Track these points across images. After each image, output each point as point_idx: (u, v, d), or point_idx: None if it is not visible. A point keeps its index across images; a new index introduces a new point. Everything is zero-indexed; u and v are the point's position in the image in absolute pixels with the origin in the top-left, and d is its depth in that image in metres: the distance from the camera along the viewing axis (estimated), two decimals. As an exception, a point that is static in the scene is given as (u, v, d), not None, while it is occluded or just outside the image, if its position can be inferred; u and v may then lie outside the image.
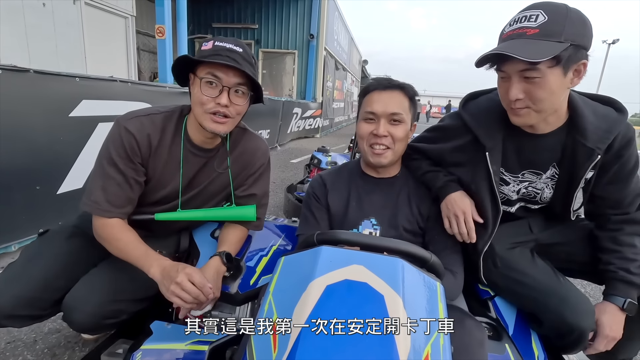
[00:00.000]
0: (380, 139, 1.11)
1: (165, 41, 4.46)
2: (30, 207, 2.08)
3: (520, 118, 0.96)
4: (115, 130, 1.05)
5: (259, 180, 1.26)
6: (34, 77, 1.98)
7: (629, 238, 1.05)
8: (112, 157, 1.03)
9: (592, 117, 0.99)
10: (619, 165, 1.02)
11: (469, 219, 1.08)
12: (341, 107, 14.66)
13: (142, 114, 1.10)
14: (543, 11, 0.85)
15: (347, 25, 14.00)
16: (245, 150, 1.22)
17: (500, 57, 0.87)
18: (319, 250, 0.71)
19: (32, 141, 2.03)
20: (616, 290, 1.02)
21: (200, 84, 1.00)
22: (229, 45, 1.00)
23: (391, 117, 1.10)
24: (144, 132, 1.06)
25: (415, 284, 0.67)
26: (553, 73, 0.86)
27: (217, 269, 1.09)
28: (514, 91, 0.90)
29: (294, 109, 8.06)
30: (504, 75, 0.93)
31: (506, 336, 1.10)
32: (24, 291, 0.99)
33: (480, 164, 1.08)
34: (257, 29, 10.36)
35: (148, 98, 2.89)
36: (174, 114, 1.14)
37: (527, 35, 0.85)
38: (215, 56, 0.98)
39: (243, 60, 1.01)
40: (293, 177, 4.72)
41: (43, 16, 4.59)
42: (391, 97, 1.11)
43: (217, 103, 1.01)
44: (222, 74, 0.99)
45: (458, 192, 1.12)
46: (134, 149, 1.04)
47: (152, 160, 1.10)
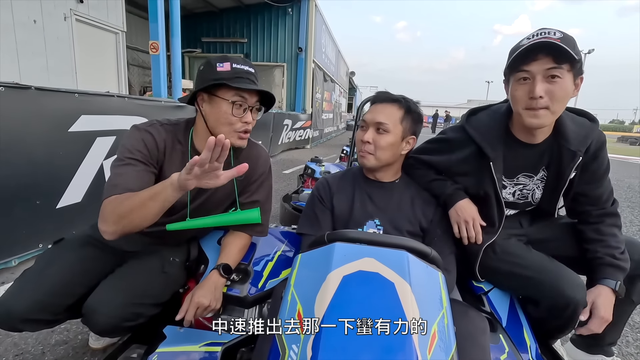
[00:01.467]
0: (364, 145, 1.24)
1: (159, 56, 4.53)
2: (30, 222, 2.10)
3: (538, 119, 1.07)
4: (133, 133, 1.12)
5: (261, 187, 1.33)
6: (35, 93, 2.02)
7: (609, 229, 1.19)
8: (129, 149, 1.08)
9: (572, 126, 1.16)
10: (596, 165, 1.17)
11: (477, 224, 1.22)
12: (330, 118, 14.86)
13: (155, 123, 1.18)
14: (558, 31, 1.01)
15: (334, 39, 14.31)
16: (247, 158, 1.28)
17: (531, 56, 1.01)
18: (332, 247, 0.79)
19: (32, 156, 2.06)
20: (606, 274, 1.13)
21: (231, 107, 1.10)
22: (246, 68, 1.11)
23: (377, 125, 1.22)
24: (161, 137, 1.14)
25: (420, 272, 0.75)
26: (569, 77, 1.02)
27: (215, 283, 1.15)
28: (539, 88, 1.02)
29: (284, 121, 8.17)
30: (526, 75, 1.05)
31: (500, 328, 1.18)
32: (38, 295, 1.03)
33: (485, 173, 1.21)
34: (246, 42, 10.52)
35: (144, 112, 2.94)
36: (180, 126, 1.22)
37: (552, 41, 0.99)
38: (239, 79, 1.08)
39: (257, 79, 1.14)
40: (286, 188, 4.78)
41: (34, 33, 4.62)
42: (383, 108, 1.23)
43: (244, 122, 1.13)
44: (247, 95, 1.11)
45: (465, 200, 1.25)
46: (152, 147, 1.12)
47: (167, 164, 1.16)
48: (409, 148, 1.28)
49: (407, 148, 1.28)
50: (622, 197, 1.25)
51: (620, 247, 1.15)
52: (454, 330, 0.70)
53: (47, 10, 4.74)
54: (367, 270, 0.72)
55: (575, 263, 1.27)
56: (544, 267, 1.16)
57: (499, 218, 1.24)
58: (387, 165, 1.28)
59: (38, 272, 1.09)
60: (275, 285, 1.21)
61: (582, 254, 1.22)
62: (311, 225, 1.28)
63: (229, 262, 1.22)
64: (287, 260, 1.39)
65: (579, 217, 1.28)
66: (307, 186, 3.58)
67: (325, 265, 0.74)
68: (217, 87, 1.10)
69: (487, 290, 1.30)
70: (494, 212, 1.23)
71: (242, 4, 10.08)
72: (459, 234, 1.24)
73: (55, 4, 4.84)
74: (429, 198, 1.31)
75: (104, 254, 1.19)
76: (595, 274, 1.17)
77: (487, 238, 1.24)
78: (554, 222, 1.34)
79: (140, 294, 1.09)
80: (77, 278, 1.11)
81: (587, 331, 1.11)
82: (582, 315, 1.08)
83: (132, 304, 1.06)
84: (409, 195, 1.29)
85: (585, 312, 1.09)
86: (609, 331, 1.15)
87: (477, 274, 1.28)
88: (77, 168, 2.35)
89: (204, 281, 1.15)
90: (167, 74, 5.05)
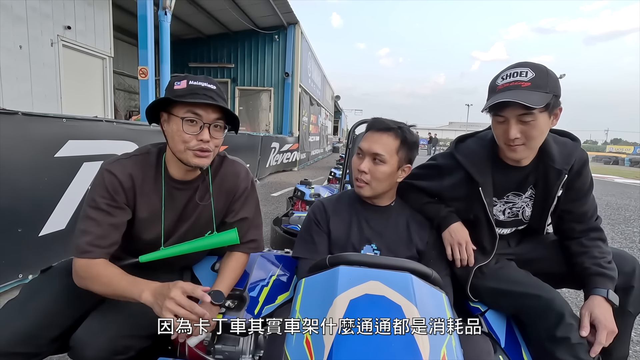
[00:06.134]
0: (361, 174, 1.23)
1: (147, 81, 4.55)
2: (11, 251, 2.01)
3: (517, 154, 1.15)
4: (98, 175, 1.09)
5: (246, 203, 1.28)
6: (21, 119, 1.98)
7: (593, 241, 1.23)
8: (95, 199, 1.05)
9: (555, 146, 1.22)
10: (580, 182, 1.23)
11: (469, 247, 1.25)
12: (317, 141, 15.04)
13: (123, 157, 1.14)
14: (530, 69, 1.07)
15: (319, 64, 14.71)
16: (226, 176, 1.24)
17: (503, 103, 1.07)
18: (337, 271, 0.79)
19: (15, 182, 2.00)
20: (595, 283, 1.14)
21: (181, 123, 1.05)
22: (203, 84, 1.06)
23: (374, 156, 1.22)
24: (126, 172, 1.09)
25: (424, 294, 0.75)
26: (543, 116, 1.07)
27: (207, 308, 1.11)
28: (513, 131, 1.09)
29: (272, 144, 8.22)
30: (502, 119, 1.12)
31: (499, 349, 1.18)
32: (21, 327, 0.97)
33: (475, 197, 1.25)
34: (233, 67, 10.71)
35: (133, 137, 2.92)
36: (152, 154, 1.17)
37: (522, 87, 1.06)
38: (193, 95, 1.03)
39: (218, 96, 1.07)
40: (275, 211, 4.74)
41: (19, 58, 4.60)
42: (380, 138, 1.23)
43: (199, 140, 1.06)
44: (201, 111, 1.05)
45: (458, 223, 1.28)
46: (116, 189, 1.07)
47: (140, 198, 1.12)
48: (404, 175, 1.29)
49: (402, 176, 1.29)
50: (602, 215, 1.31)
51: (606, 256, 1.18)
52: (462, 352, 0.69)
53: (34, 36, 4.75)
54: (373, 293, 0.72)
55: (568, 279, 1.29)
56: (527, 283, 1.18)
57: (491, 241, 1.27)
58: (383, 192, 1.29)
59: (20, 303, 1.03)
60: (268, 313, 1.18)
61: (574, 270, 1.25)
62: (308, 249, 1.27)
63: (222, 288, 1.18)
64: (282, 285, 1.36)
65: (564, 233, 1.31)
66: (296, 209, 3.56)
67: (331, 290, 0.73)
68: (173, 105, 1.07)
69: (483, 310, 1.30)
70: (485, 236, 1.27)
71: (229, 30, 10.32)
72: (451, 256, 1.26)
73: (42, 30, 4.85)
74: (424, 220, 1.33)
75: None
76: (586, 286, 1.18)
77: (482, 259, 1.26)
78: (542, 240, 1.38)
79: (131, 326, 1.04)
80: (62, 308, 1.05)
81: (598, 346, 1.07)
82: (582, 331, 1.07)
83: (124, 336, 1.01)
84: (404, 219, 1.30)
85: (584, 326, 1.08)
86: (616, 346, 1.14)
87: (470, 295, 1.29)
88: (62, 194, 2.28)
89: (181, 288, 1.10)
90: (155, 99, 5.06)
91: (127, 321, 1.05)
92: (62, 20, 5.15)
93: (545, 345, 1.09)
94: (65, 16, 5.18)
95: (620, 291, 1.16)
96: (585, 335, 1.06)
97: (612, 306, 1.11)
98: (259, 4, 8.54)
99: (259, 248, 1.32)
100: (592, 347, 1.06)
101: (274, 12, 9.05)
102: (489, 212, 1.24)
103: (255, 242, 1.29)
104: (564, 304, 1.09)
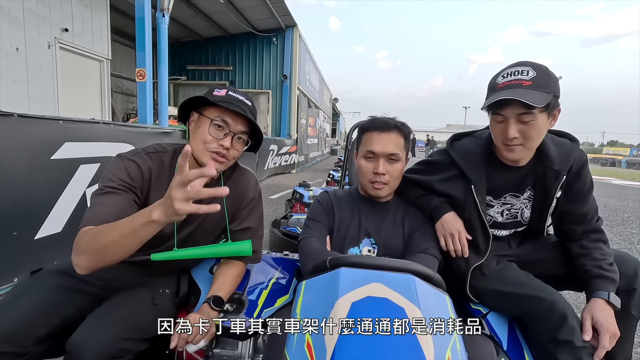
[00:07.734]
0: (379, 176, 1.24)
1: (145, 84, 4.53)
2: (7, 255, 1.98)
3: (514, 154, 1.13)
4: (116, 162, 1.09)
5: (251, 213, 1.30)
6: (17, 120, 1.97)
7: (594, 243, 1.21)
8: (110, 178, 1.05)
9: (553, 147, 1.21)
10: (579, 184, 1.22)
11: (462, 237, 1.23)
12: (315, 143, 15.05)
13: (142, 151, 1.15)
14: (531, 68, 1.06)
15: (317, 67, 14.74)
16: (237, 184, 1.26)
17: (504, 101, 1.05)
18: (338, 273, 0.77)
19: (11, 185, 1.98)
20: (596, 286, 1.13)
21: (209, 125, 1.08)
22: (240, 97, 1.12)
23: (389, 157, 1.24)
24: (146, 165, 1.12)
25: (427, 296, 0.74)
26: (542, 117, 1.06)
27: (207, 316, 1.10)
28: (512, 131, 1.08)
29: (270, 146, 8.22)
30: (501, 118, 1.11)
31: (501, 351, 1.16)
32: (4, 326, 0.95)
33: (468, 195, 1.24)
34: (232, 70, 10.71)
35: (130, 139, 2.90)
36: (168, 153, 1.20)
37: (523, 86, 1.04)
38: (228, 103, 1.08)
39: (250, 112, 1.13)
40: (274, 213, 4.72)
41: (16, 60, 4.57)
42: (389, 137, 1.24)
43: (220, 144, 1.09)
44: (230, 119, 1.10)
45: (450, 213, 1.26)
46: (136, 175, 1.08)
47: (153, 192, 1.12)
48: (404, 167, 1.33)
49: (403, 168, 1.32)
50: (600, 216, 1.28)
51: (607, 258, 1.17)
52: (466, 355, 0.68)
53: (31, 38, 4.73)
54: (375, 295, 0.70)
55: (569, 281, 1.28)
56: (528, 284, 1.17)
57: (485, 241, 1.25)
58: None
59: (5, 303, 1.02)
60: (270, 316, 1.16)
61: (575, 272, 1.23)
62: (314, 230, 1.27)
63: (221, 293, 1.17)
64: (281, 288, 1.35)
65: (564, 235, 1.30)
66: (295, 211, 3.54)
67: (332, 292, 0.72)
68: (205, 107, 1.11)
69: (485, 313, 1.29)
70: (479, 235, 1.25)
71: (228, 33, 10.33)
72: (445, 247, 1.24)
73: (39, 32, 4.83)
74: (418, 213, 1.33)
75: (87, 286, 1.12)
76: (587, 289, 1.17)
77: (476, 259, 1.24)
78: (543, 242, 1.36)
79: (129, 329, 1.02)
80: (48, 307, 1.03)
81: (602, 350, 1.06)
82: (585, 335, 1.06)
83: (121, 339, 0.99)
84: (401, 214, 1.32)
85: (586, 330, 1.07)
86: (619, 349, 1.12)
87: (470, 296, 1.27)
88: (58, 197, 2.26)
89: (194, 314, 1.10)
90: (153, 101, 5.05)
91: (124, 324, 1.03)
92: (60, 22, 5.13)
93: (548, 348, 1.07)
94: (62, 18, 5.17)
95: (623, 293, 1.14)
96: (589, 339, 1.05)
97: (613, 309, 1.10)
98: (257, 6, 8.56)
99: (256, 260, 1.33)
100: (596, 351, 1.04)
101: (272, 15, 9.06)
102: (482, 211, 1.22)
103: (255, 253, 1.29)
104: (567, 306, 1.08)
